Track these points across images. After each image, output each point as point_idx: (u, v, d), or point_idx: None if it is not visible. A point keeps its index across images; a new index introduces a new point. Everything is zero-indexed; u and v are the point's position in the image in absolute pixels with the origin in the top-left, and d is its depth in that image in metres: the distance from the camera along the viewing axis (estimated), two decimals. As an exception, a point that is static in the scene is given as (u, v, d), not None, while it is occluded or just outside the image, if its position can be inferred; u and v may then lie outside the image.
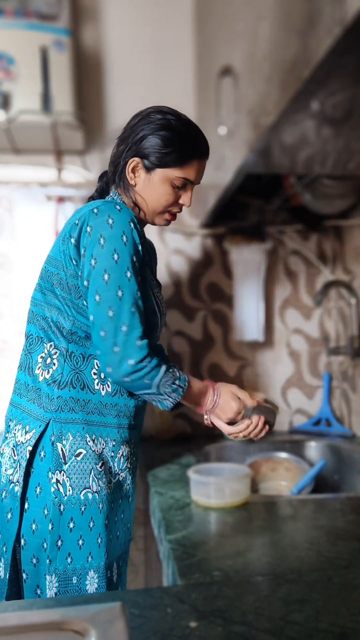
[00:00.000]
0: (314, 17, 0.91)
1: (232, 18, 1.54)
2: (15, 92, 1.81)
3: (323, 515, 1.24)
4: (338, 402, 2.19)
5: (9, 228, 2.08)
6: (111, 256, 1.14)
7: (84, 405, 1.20)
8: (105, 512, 1.18)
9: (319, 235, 2.20)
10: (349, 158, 1.52)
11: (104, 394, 1.22)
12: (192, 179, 1.26)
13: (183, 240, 2.15)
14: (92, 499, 1.17)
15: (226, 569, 0.97)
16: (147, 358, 1.14)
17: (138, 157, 1.23)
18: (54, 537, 1.15)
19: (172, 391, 1.18)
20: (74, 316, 1.20)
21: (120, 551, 1.23)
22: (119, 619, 0.74)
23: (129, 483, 1.27)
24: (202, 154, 1.26)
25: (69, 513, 1.15)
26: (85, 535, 1.16)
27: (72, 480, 1.16)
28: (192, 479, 1.33)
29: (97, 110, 2.13)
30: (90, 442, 1.19)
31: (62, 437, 1.18)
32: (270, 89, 1.19)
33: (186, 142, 1.23)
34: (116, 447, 1.23)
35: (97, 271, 1.15)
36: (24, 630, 0.74)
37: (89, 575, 1.15)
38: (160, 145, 1.21)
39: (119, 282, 1.14)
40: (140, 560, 2.11)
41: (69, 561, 1.14)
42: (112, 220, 1.16)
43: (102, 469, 1.19)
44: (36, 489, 1.17)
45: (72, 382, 1.20)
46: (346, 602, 0.83)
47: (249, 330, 2.13)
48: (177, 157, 1.22)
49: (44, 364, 1.22)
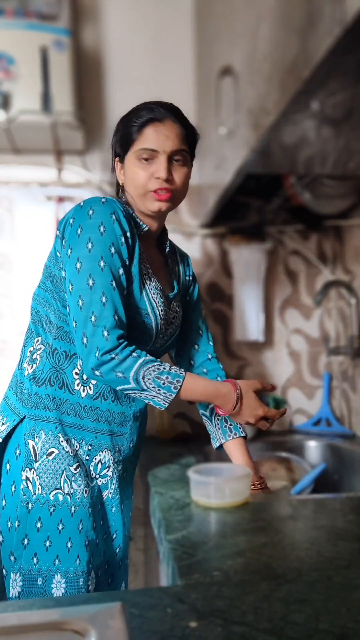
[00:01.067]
0: (314, 17, 0.91)
1: (232, 18, 1.54)
2: (15, 92, 1.81)
3: (323, 515, 1.24)
4: (338, 402, 2.19)
5: (9, 228, 2.08)
6: (85, 245, 1.12)
7: (60, 404, 1.18)
8: (79, 517, 1.14)
9: (319, 235, 2.20)
10: (349, 158, 1.52)
11: (84, 396, 1.19)
12: (153, 147, 1.17)
13: (183, 240, 2.15)
14: (62, 500, 1.14)
15: (226, 569, 0.97)
16: (115, 349, 1.08)
17: (116, 157, 1.26)
18: (20, 535, 1.12)
19: (158, 387, 1.10)
20: (60, 310, 1.20)
21: (99, 560, 1.19)
22: (118, 619, 0.74)
23: (112, 491, 1.22)
24: (153, 118, 1.18)
25: (37, 512, 1.13)
26: (52, 537, 1.13)
27: (42, 479, 1.14)
28: (192, 479, 1.33)
29: (97, 110, 2.13)
30: (64, 442, 1.16)
31: (35, 435, 1.16)
32: (270, 89, 1.19)
33: (133, 115, 1.20)
34: (92, 452, 1.20)
35: (71, 260, 1.13)
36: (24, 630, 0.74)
37: (55, 579, 1.12)
38: (118, 131, 1.23)
39: (90, 271, 1.10)
40: (140, 560, 2.11)
41: (35, 561, 1.12)
42: (92, 212, 1.14)
43: (77, 472, 1.16)
44: (11, 487, 1.17)
45: (50, 379, 1.18)
46: (346, 602, 0.83)
47: (249, 330, 2.13)
48: (129, 132, 1.19)
49: (30, 358, 1.23)
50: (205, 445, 1.93)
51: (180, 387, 1.12)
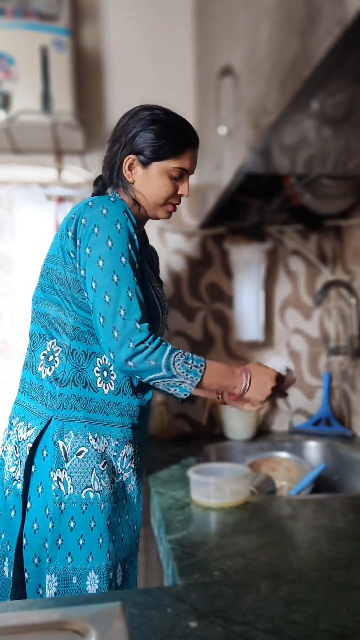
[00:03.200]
0: (314, 17, 0.91)
1: (232, 18, 1.54)
2: (15, 92, 1.81)
3: (323, 515, 1.24)
4: (338, 402, 2.19)
5: (9, 228, 2.08)
6: (105, 243, 1.15)
7: (86, 403, 1.20)
8: (107, 512, 1.17)
9: (319, 235, 2.20)
10: (349, 158, 1.52)
11: (107, 393, 1.22)
12: (188, 168, 1.27)
13: (183, 240, 2.15)
14: (93, 498, 1.16)
15: (226, 569, 0.97)
16: (148, 339, 1.12)
17: (133, 154, 1.25)
18: (54, 535, 1.14)
19: (186, 371, 1.14)
20: (75, 311, 1.21)
21: (125, 553, 1.22)
22: (119, 619, 0.74)
23: (134, 484, 1.26)
24: (194, 142, 1.28)
25: (70, 512, 1.15)
26: (86, 534, 1.15)
27: (73, 478, 1.16)
28: (192, 479, 1.33)
29: (97, 110, 2.13)
30: (93, 440, 1.19)
31: (64, 435, 1.17)
32: (270, 89, 1.19)
33: (178, 132, 1.25)
34: (119, 447, 1.22)
35: (92, 259, 1.15)
36: (24, 630, 0.74)
37: (89, 576, 1.15)
38: (154, 139, 1.23)
39: (114, 267, 1.14)
40: (140, 560, 2.11)
41: (69, 561, 1.14)
42: (106, 210, 1.17)
43: (105, 468, 1.19)
44: (38, 488, 1.17)
45: (74, 379, 1.20)
46: (346, 602, 0.83)
47: (249, 330, 2.13)
48: (171, 148, 1.24)
49: (46, 361, 1.23)
50: (205, 445, 1.93)
51: (205, 369, 1.17)
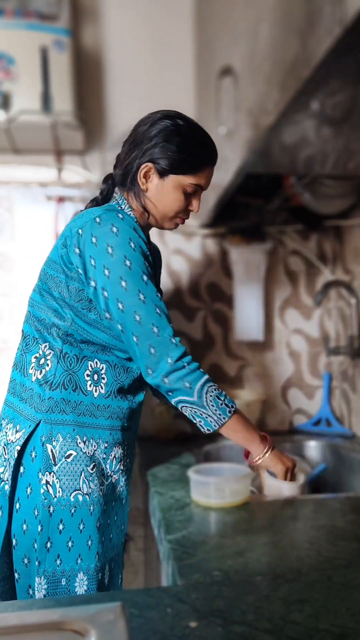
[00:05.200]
0: (314, 17, 0.91)
1: (232, 18, 1.54)
2: (15, 92, 1.81)
3: (323, 515, 1.24)
4: (338, 402, 2.19)
5: (9, 228, 2.08)
6: (123, 263, 1.15)
7: (75, 406, 1.20)
8: (96, 515, 1.17)
9: (319, 235, 2.20)
10: (349, 158, 1.52)
11: (97, 396, 1.22)
12: (203, 185, 1.28)
13: (183, 240, 2.15)
14: (82, 501, 1.16)
15: (226, 569, 0.97)
16: (185, 357, 1.14)
17: (151, 163, 1.23)
18: (43, 538, 1.14)
19: (216, 406, 1.16)
20: (72, 319, 1.20)
21: (112, 554, 1.23)
22: (119, 619, 0.74)
23: (123, 485, 1.26)
24: (213, 160, 1.28)
25: (59, 515, 1.15)
26: (74, 537, 1.15)
27: (62, 481, 1.16)
28: (192, 479, 1.33)
29: (97, 110, 2.13)
30: (81, 443, 1.19)
31: (52, 439, 1.17)
32: (270, 89, 1.19)
33: (200, 149, 1.25)
34: (108, 449, 1.22)
35: (112, 280, 1.15)
36: (24, 630, 0.74)
37: (78, 577, 1.15)
38: (176, 152, 1.22)
39: (138, 287, 1.15)
40: (140, 560, 2.11)
41: (58, 563, 1.14)
42: (117, 229, 1.16)
43: (94, 471, 1.19)
44: (27, 490, 1.17)
45: (64, 383, 1.20)
46: (346, 602, 0.83)
47: (249, 330, 2.13)
48: (191, 164, 1.24)
49: (37, 364, 1.23)
50: (205, 445, 1.93)
51: (234, 413, 1.18)
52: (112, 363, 1.23)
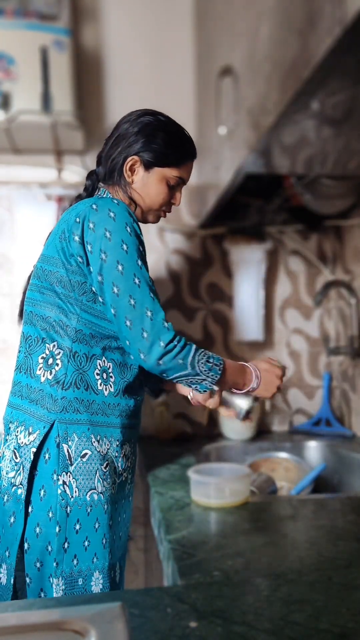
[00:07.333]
0: (314, 17, 0.91)
1: (232, 18, 1.54)
2: (15, 92, 1.81)
3: (323, 515, 1.24)
4: (338, 402, 2.19)
5: (9, 228, 2.08)
6: (120, 247, 1.16)
7: (89, 405, 1.20)
8: (109, 513, 1.18)
9: (319, 235, 2.20)
10: (349, 158, 1.52)
11: (107, 395, 1.23)
12: (185, 179, 1.33)
13: (183, 240, 2.15)
14: (97, 500, 1.17)
15: (226, 569, 0.97)
16: (175, 338, 1.16)
17: (137, 156, 1.27)
18: (61, 539, 1.14)
19: (208, 370, 1.19)
20: (78, 313, 1.20)
21: (122, 551, 1.24)
22: (119, 619, 0.74)
23: (129, 483, 1.27)
24: (194, 155, 1.34)
25: (76, 515, 1.15)
26: (90, 536, 1.16)
27: (78, 481, 1.16)
28: (192, 479, 1.33)
29: (97, 110, 2.13)
30: (96, 442, 1.19)
31: (68, 438, 1.17)
32: (270, 89, 1.19)
33: (182, 144, 1.31)
34: (119, 447, 1.23)
35: (109, 264, 1.16)
36: (24, 630, 0.73)
37: (94, 576, 1.16)
38: (161, 145, 1.27)
39: (134, 271, 1.16)
40: (140, 560, 2.11)
41: (75, 563, 1.15)
42: (114, 214, 1.18)
43: (107, 470, 1.19)
44: (40, 492, 1.17)
45: (76, 382, 1.20)
46: (346, 602, 0.83)
47: (249, 330, 2.13)
48: (176, 157, 1.29)
49: (45, 364, 1.22)
50: (205, 445, 1.93)
51: (223, 367, 1.22)
52: (117, 361, 1.24)
